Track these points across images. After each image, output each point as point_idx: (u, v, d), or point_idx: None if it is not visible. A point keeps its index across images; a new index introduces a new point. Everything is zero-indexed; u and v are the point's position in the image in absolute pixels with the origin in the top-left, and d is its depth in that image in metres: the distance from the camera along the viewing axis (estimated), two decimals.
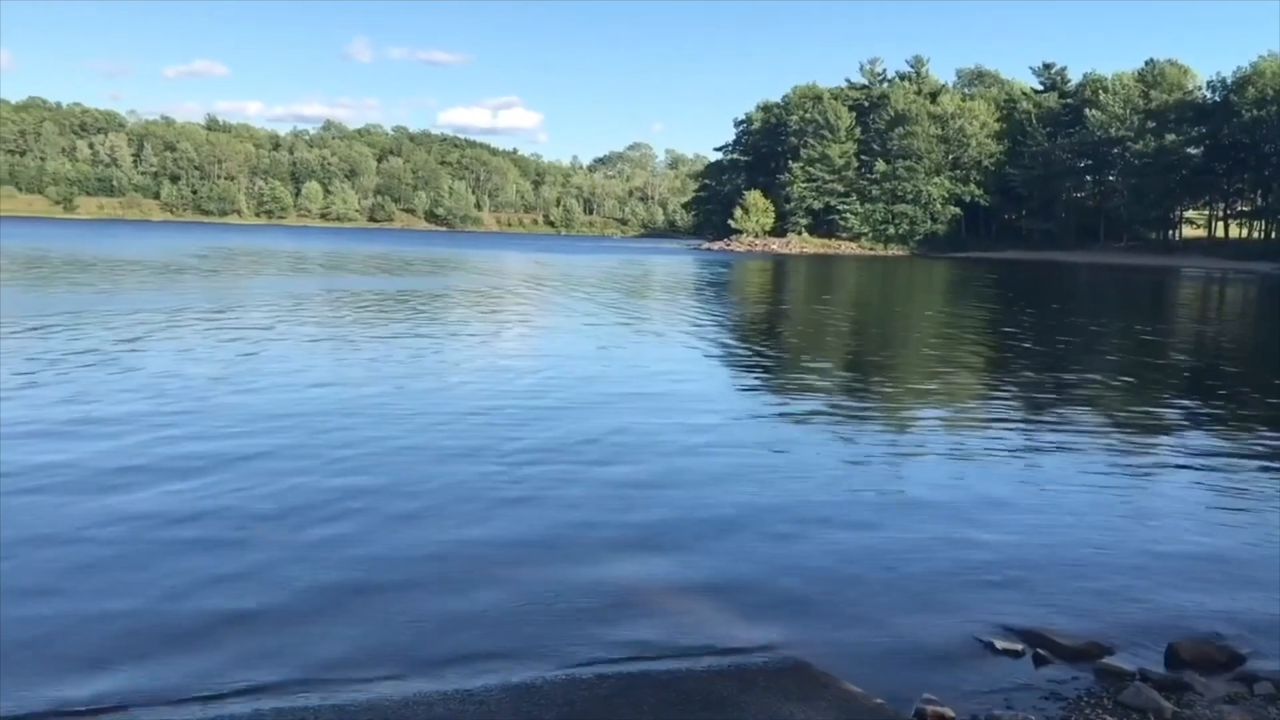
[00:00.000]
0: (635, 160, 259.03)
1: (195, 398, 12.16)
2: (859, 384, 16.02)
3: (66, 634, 5.41)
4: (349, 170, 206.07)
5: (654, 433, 10.90)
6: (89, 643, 5.32)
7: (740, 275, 58.34)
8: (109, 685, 4.86)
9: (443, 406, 12.15)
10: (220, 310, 23.90)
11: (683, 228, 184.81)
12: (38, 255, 48.56)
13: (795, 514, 8.02)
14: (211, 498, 7.90)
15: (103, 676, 4.95)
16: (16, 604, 5.73)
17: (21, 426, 10.14)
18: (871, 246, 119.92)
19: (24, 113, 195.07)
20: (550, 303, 31.04)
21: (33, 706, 4.64)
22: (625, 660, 5.31)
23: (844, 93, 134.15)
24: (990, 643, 5.62)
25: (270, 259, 54.10)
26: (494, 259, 67.52)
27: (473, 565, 6.60)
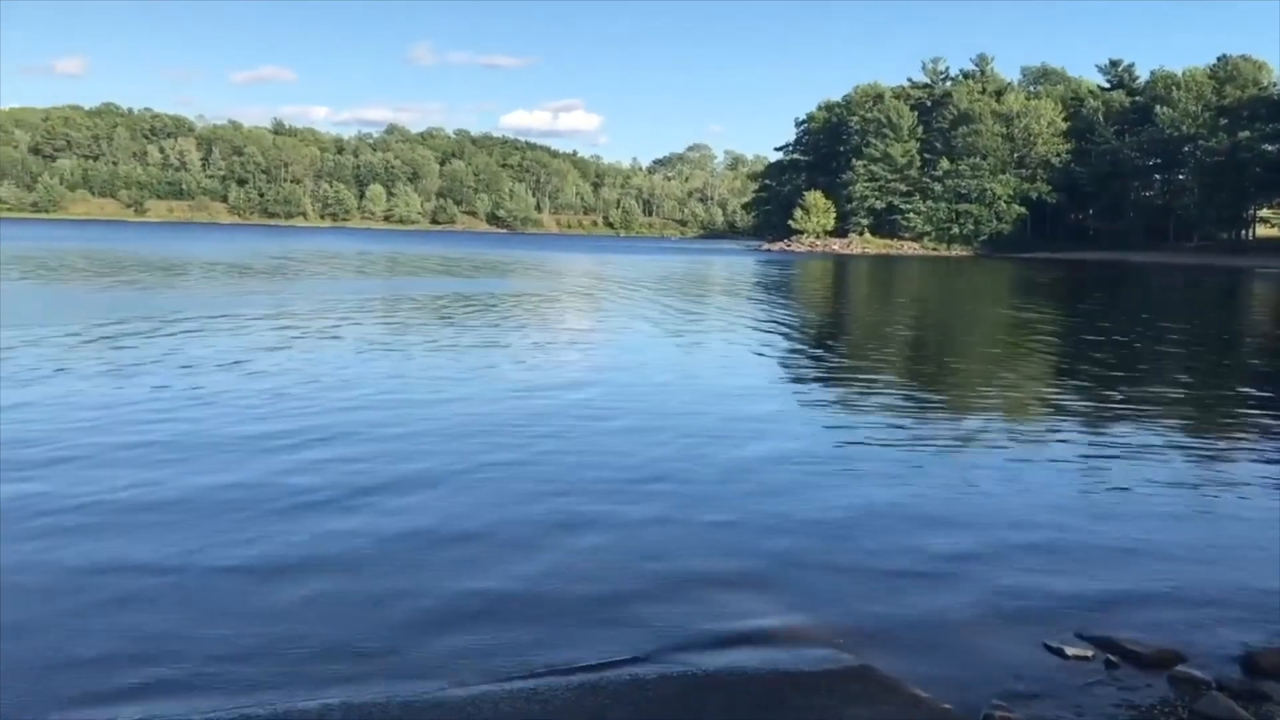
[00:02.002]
0: (695, 161, 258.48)
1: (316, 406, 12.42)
2: (923, 386, 15.85)
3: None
4: (412, 173, 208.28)
5: (718, 436, 10.86)
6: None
7: (802, 276, 58.00)
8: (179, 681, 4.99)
9: (509, 413, 12.24)
10: (315, 313, 24.30)
11: (742, 228, 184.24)
12: (130, 258, 49.71)
13: (857, 517, 7.96)
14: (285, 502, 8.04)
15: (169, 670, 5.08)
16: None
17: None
18: (934, 247, 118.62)
19: (97, 118, 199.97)
20: (613, 305, 31.08)
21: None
22: (689, 662, 5.28)
23: (906, 91, 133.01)
24: (1060, 649, 5.52)
25: (346, 262, 54.78)
26: (555, 261, 67.81)
27: (538, 568, 6.62)
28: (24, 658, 5.14)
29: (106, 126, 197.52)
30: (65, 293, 29.07)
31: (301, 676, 5.03)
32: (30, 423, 10.45)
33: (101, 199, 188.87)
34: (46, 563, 6.44)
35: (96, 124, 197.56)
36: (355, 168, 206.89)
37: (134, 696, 4.79)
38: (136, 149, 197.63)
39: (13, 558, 6.46)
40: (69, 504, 7.62)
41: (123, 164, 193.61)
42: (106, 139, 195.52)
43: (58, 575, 6.24)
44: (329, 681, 4.97)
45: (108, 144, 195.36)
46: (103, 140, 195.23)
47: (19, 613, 5.65)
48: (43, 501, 7.68)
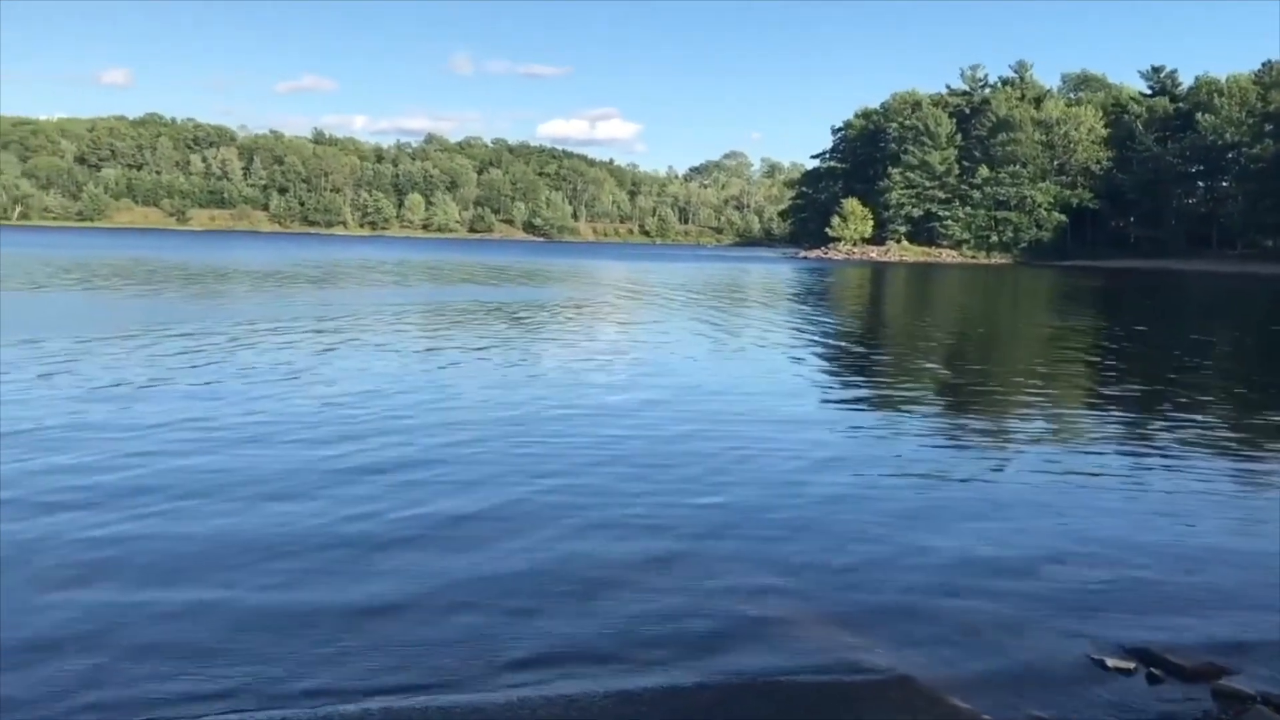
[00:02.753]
0: (731, 169, 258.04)
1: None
2: (962, 396, 15.76)
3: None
4: (450, 182, 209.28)
5: (756, 448, 10.85)
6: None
7: (841, 284, 57.76)
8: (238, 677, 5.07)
9: (553, 422, 12.31)
10: (369, 322, 24.56)
11: (779, 236, 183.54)
12: (179, 267, 50.38)
13: (896, 528, 7.94)
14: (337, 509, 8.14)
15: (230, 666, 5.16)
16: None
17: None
18: (973, 254, 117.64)
19: (141, 128, 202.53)
20: (650, 313, 31.11)
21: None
22: (726, 670, 5.30)
23: (944, 99, 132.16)
24: (1101, 660, 5.49)
25: (389, 271, 55.06)
26: (593, 269, 67.96)
27: (576, 576, 6.67)
28: (85, 655, 5.27)
29: (150, 136, 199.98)
30: (120, 302, 29.54)
31: (343, 680, 5.11)
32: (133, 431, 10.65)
33: (145, 208, 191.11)
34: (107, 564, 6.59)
35: (141, 134, 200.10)
36: (394, 177, 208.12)
37: (179, 700, 4.89)
38: (179, 158, 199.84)
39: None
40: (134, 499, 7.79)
41: (166, 173, 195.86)
42: (150, 148, 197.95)
43: (120, 577, 6.38)
44: (369, 685, 5.05)
45: (151, 153, 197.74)
46: (146, 150, 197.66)
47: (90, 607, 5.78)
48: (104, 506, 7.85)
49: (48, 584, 6.25)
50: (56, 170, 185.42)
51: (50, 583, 6.27)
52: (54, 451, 9.56)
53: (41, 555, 6.78)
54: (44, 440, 10.03)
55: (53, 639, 5.47)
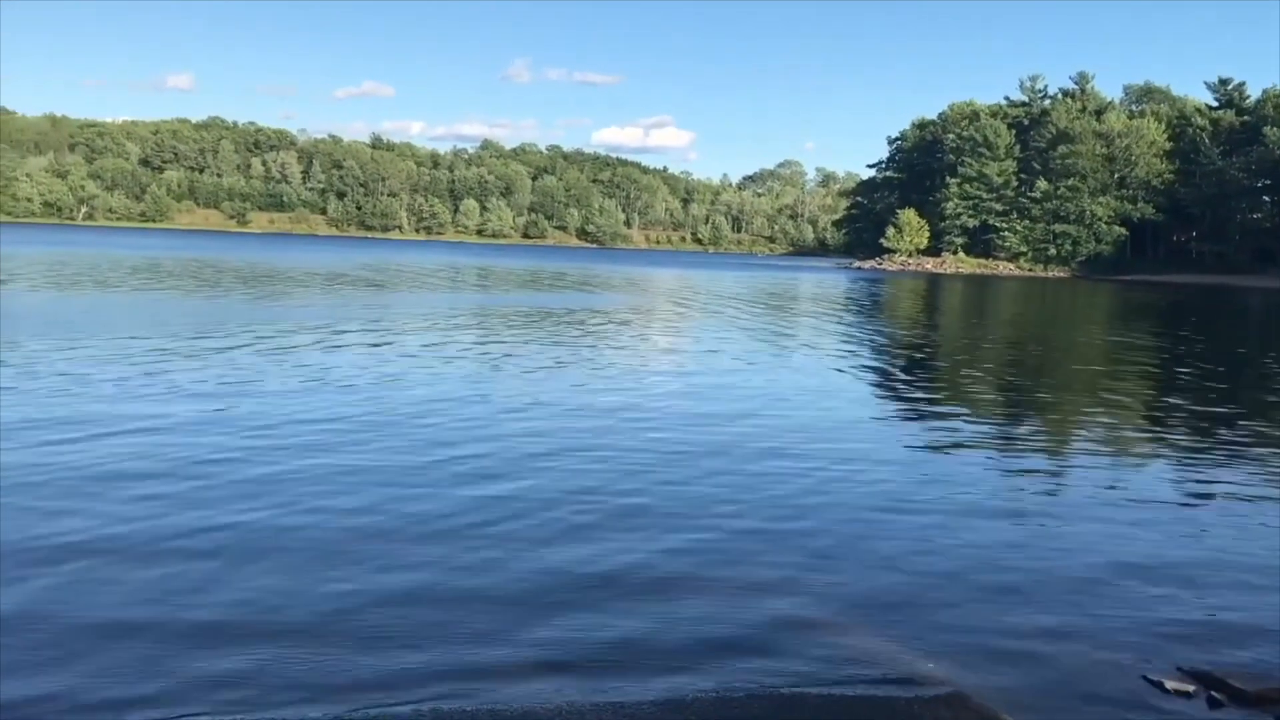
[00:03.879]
0: (785, 178, 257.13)
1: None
2: (1018, 414, 15.56)
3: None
4: (505, 188, 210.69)
5: (804, 459, 10.82)
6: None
7: (897, 295, 57.33)
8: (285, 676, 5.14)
9: (600, 430, 12.33)
10: (430, 324, 24.85)
11: (833, 246, 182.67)
12: (246, 268, 51.28)
13: (949, 544, 7.87)
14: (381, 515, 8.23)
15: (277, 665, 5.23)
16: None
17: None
18: (1030, 267, 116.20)
19: (204, 131, 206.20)
20: (702, 322, 31.09)
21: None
22: (777, 683, 5.28)
23: (1003, 110, 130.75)
24: (1160, 682, 5.39)
25: (449, 275, 55.73)
26: (645, 276, 68.07)
27: (624, 584, 6.68)
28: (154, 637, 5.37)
29: (212, 139, 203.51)
30: (202, 303, 30.10)
31: (396, 680, 5.15)
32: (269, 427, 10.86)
33: (206, 210, 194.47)
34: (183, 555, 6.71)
35: (203, 137, 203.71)
36: (450, 182, 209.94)
37: (232, 690, 4.98)
38: (240, 161, 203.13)
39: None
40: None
41: (227, 176, 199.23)
42: (212, 151, 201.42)
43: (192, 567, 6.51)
44: (422, 686, 5.09)
45: (213, 156, 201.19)
46: (208, 153, 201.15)
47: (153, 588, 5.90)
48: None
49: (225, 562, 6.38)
50: (121, 172, 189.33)
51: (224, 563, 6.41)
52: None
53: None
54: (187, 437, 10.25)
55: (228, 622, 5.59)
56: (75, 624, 5.65)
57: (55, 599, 6.00)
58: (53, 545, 6.92)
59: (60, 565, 6.54)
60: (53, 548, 6.86)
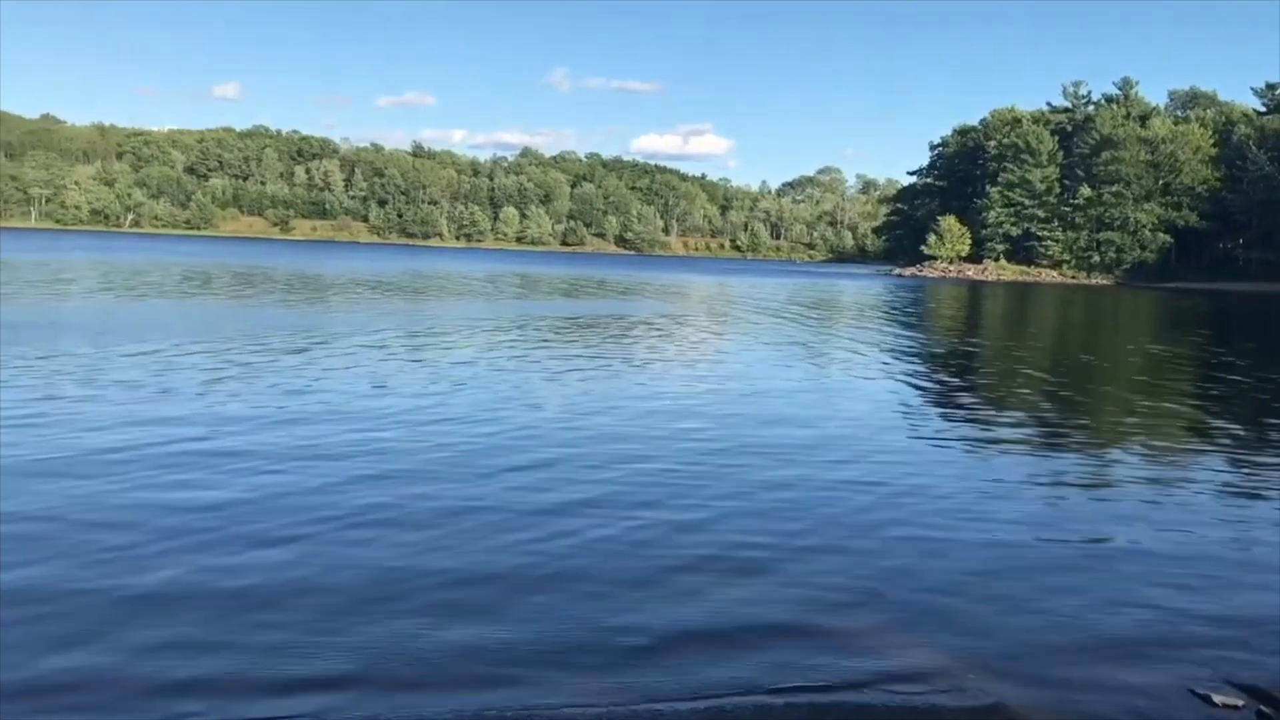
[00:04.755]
0: (825, 184, 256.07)
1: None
2: (1061, 425, 15.40)
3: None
4: (544, 195, 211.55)
5: (852, 469, 10.80)
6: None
7: (937, 302, 56.93)
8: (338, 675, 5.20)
9: (638, 442, 12.37)
10: (480, 330, 25.08)
11: (873, 253, 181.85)
12: (297, 276, 51.92)
13: (992, 555, 7.82)
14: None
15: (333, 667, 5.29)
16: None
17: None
18: (1073, 275, 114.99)
19: (248, 139, 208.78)
20: (748, 329, 31.04)
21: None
22: (816, 690, 5.27)
23: (1045, 116, 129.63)
24: (1207, 695, 5.32)
25: (493, 282, 56.09)
26: (684, 283, 68.06)
27: (668, 591, 6.70)
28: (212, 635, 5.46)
29: (256, 148, 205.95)
30: (258, 309, 30.52)
31: (437, 682, 5.20)
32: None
33: (250, 217, 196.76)
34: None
35: (247, 145, 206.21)
36: (490, 190, 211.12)
37: (287, 690, 5.06)
38: (284, 169, 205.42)
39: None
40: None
41: (270, 184, 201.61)
42: (256, 159, 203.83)
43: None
44: (461, 688, 5.14)
45: (257, 164, 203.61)
46: (252, 161, 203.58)
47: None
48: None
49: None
50: (167, 180, 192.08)
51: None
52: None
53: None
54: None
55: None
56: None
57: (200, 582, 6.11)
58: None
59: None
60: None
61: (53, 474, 8.96)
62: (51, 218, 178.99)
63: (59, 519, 7.66)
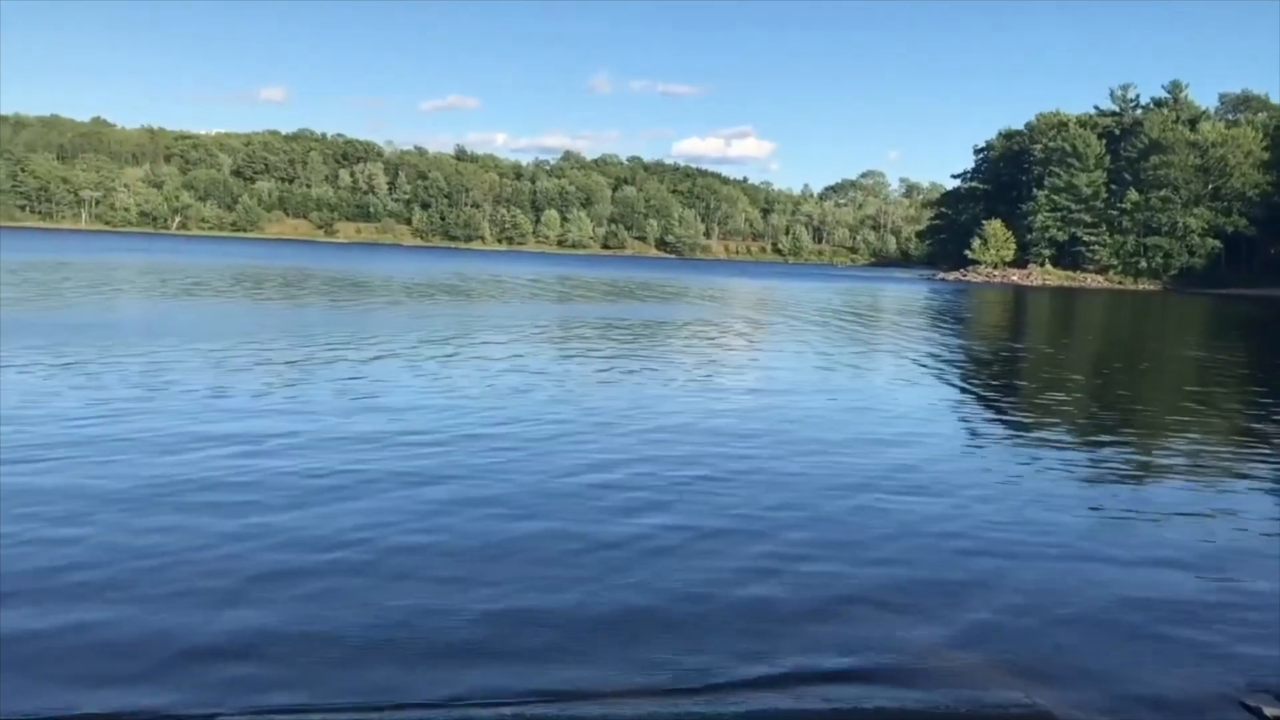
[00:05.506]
0: (868, 188, 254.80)
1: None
2: (1109, 431, 15.28)
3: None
4: (585, 199, 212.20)
5: (898, 476, 10.73)
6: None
7: (983, 307, 56.47)
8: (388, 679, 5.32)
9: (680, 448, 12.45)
10: (535, 332, 25.27)
11: (916, 257, 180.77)
12: (350, 277, 52.57)
13: (1039, 561, 7.75)
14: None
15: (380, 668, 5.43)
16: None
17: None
18: (1120, 280, 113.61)
19: (294, 142, 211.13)
20: (789, 334, 31.00)
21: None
22: (858, 696, 5.26)
23: (1092, 119, 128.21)
24: (1259, 708, 5.28)
25: (539, 285, 56.48)
26: (729, 287, 68.04)
27: (716, 597, 6.70)
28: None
29: (302, 151, 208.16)
30: (314, 311, 30.96)
31: (483, 688, 5.28)
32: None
33: (295, 219, 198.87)
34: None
35: (293, 148, 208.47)
36: (532, 193, 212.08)
37: (327, 682, 5.14)
38: (329, 172, 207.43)
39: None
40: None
41: (315, 187, 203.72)
42: (301, 162, 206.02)
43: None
44: (509, 695, 5.21)
45: (302, 167, 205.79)
46: (298, 164, 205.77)
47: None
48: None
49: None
50: (214, 182, 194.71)
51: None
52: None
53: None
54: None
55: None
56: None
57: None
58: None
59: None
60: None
61: (174, 454, 9.23)
62: (101, 219, 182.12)
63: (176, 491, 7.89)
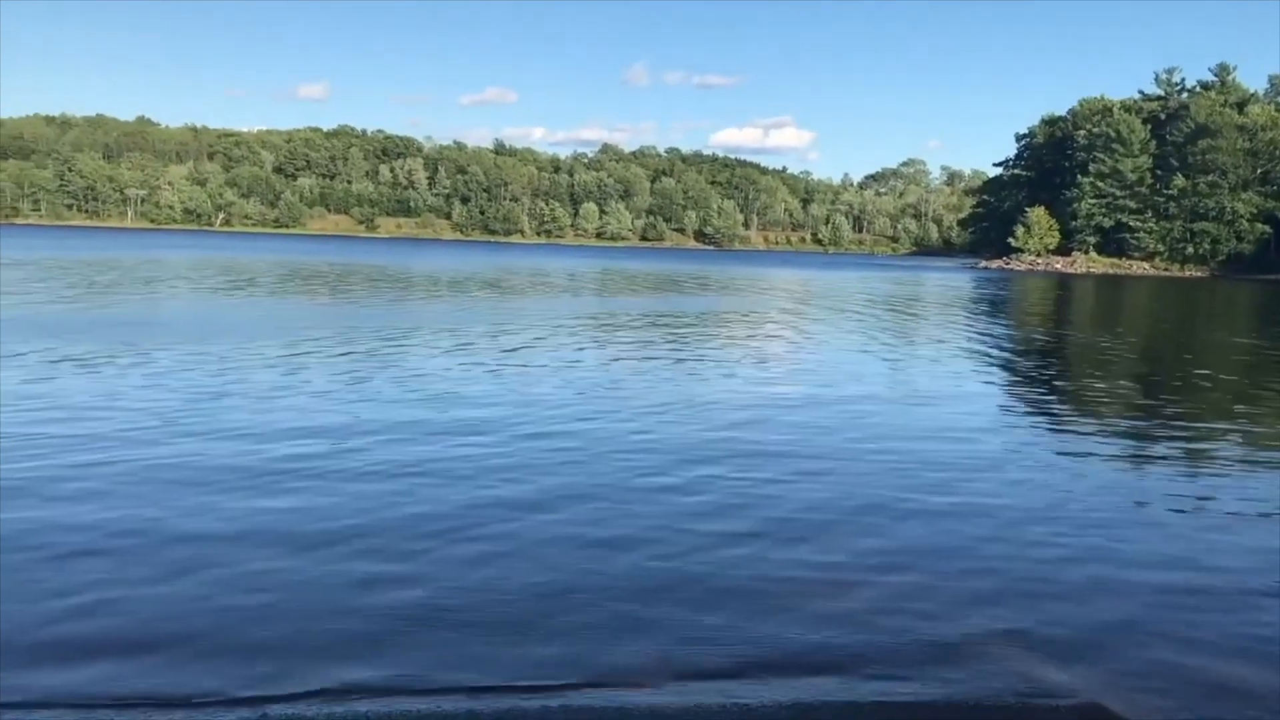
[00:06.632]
0: (909, 176, 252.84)
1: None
2: (1163, 422, 15.09)
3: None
4: (623, 191, 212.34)
5: (948, 467, 10.65)
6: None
7: (1027, 296, 55.87)
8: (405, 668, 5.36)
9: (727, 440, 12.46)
10: (590, 325, 25.43)
11: (958, 245, 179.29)
12: (401, 272, 53.03)
13: (1094, 553, 7.66)
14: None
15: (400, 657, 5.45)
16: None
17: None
18: (1166, 266, 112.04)
19: (334, 139, 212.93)
20: (836, 324, 30.85)
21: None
22: (906, 688, 5.25)
23: (1137, 104, 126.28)
24: None
25: (586, 278, 56.73)
26: (766, 277, 67.79)
27: (765, 589, 6.70)
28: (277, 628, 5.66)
29: (342, 147, 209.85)
30: (372, 308, 31.29)
31: (532, 671, 5.31)
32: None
33: (336, 215, 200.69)
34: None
35: (333, 145, 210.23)
36: (570, 186, 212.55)
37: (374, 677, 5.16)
38: (369, 168, 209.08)
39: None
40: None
41: (356, 182, 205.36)
42: (342, 159, 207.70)
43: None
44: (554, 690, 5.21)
45: (343, 163, 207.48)
46: (338, 160, 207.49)
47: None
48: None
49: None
50: (256, 179, 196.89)
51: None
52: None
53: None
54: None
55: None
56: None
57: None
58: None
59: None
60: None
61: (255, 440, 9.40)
62: (147, 217, 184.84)
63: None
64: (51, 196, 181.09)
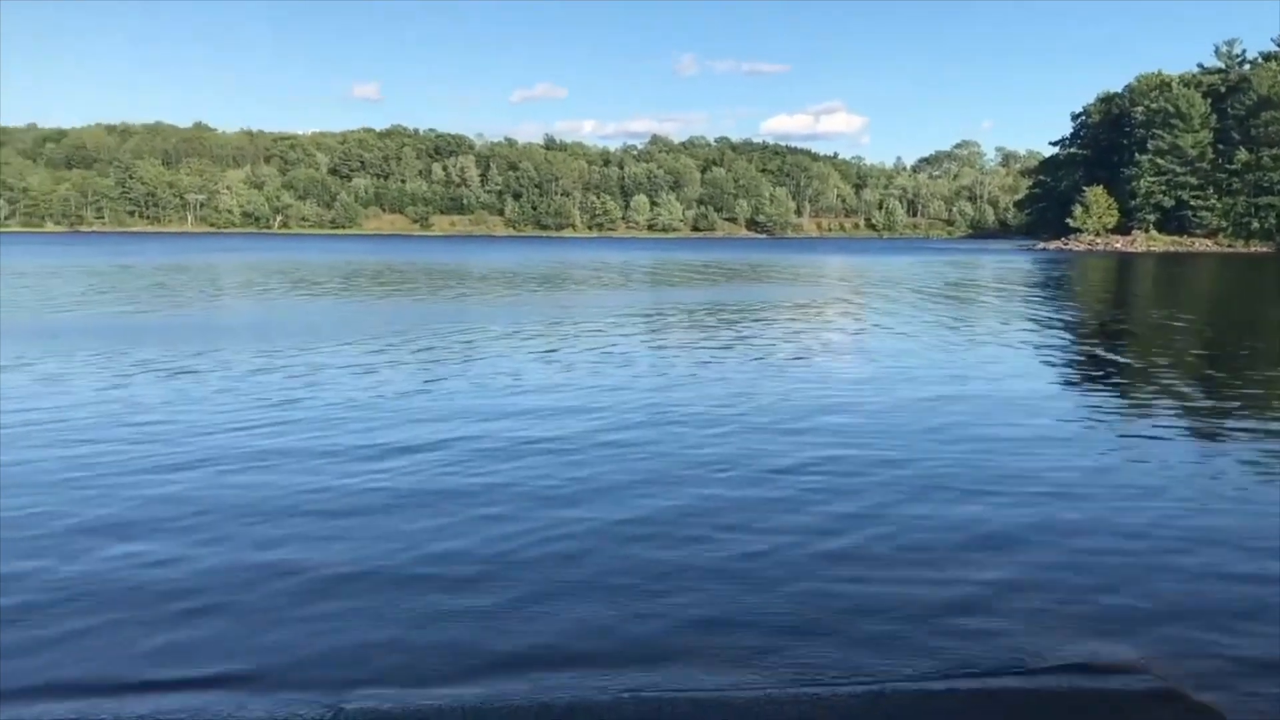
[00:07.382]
0: (963, 159, 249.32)
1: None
2: (1225, 401, 14.93)
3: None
4: (674, 182, 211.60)
5: (1008, 451, 10.62)
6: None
7: (1088, 277, 54.76)
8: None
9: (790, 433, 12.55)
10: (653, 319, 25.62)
11: (1014, 227, 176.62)
12: (455, 270, 53.48)
13: (1170, 540, 7.61)
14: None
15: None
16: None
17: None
18: (1230, 243, 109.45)
19: (387, 139, 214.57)
20: (899, 313, 30.62)
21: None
22: (978, 673, 5.25)
23: (1196, 78, 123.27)
24: None
25: (635, 271, 56.64)
26: (821, 265, 67.18)
27: (823, 575, 6.77)
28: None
29: (395, 147, 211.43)
30: (444, 305, 31.74)
31: (593, 662, 5.44)
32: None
33: (391, 215, 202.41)
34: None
35: (386, 145, 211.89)
36: (620, 179, 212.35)
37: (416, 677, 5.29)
38: (422, 167, 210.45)
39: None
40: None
41: (410, 181, 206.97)
42: (395, 158, 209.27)
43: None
44: (621, 669, 5.35)
45: (396, 163, 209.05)
46: (392, 160, 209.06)
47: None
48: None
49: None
50: (312, 181, 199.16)
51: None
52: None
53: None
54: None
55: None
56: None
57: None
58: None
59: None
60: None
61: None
62: (206, 221, 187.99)
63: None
64: (114, 204, 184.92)
